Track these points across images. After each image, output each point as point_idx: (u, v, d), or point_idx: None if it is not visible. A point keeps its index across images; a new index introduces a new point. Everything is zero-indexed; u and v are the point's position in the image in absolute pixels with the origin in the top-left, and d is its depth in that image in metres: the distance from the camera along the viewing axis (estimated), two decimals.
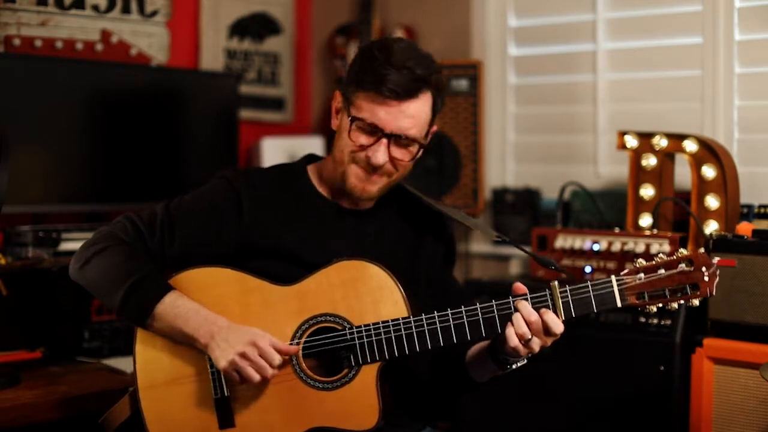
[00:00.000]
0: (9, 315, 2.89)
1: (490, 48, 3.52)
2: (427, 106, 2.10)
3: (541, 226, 3.10)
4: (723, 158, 2.74)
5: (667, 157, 2.88)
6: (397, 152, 2.09)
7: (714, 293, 1.94)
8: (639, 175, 2.89)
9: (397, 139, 2.07)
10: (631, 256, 2.78)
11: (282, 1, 3.91)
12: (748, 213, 2.78)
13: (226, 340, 1.97)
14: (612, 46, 3.30)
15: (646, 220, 2.88)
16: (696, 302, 1.95)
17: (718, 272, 1.96)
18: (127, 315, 2.06)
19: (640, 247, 2.77)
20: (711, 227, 2.73)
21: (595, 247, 2.86)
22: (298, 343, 2.03)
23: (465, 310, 2.00)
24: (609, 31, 3.30)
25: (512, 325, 1.95)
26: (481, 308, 1.99)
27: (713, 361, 2.53)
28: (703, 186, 2.76)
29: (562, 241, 2.92)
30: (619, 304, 1.95)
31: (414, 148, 2.11)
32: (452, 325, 2.00)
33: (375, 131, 2.06)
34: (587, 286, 1.97)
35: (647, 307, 1.95)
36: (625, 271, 1.97)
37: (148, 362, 2.06)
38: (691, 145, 2.78)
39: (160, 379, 2.05)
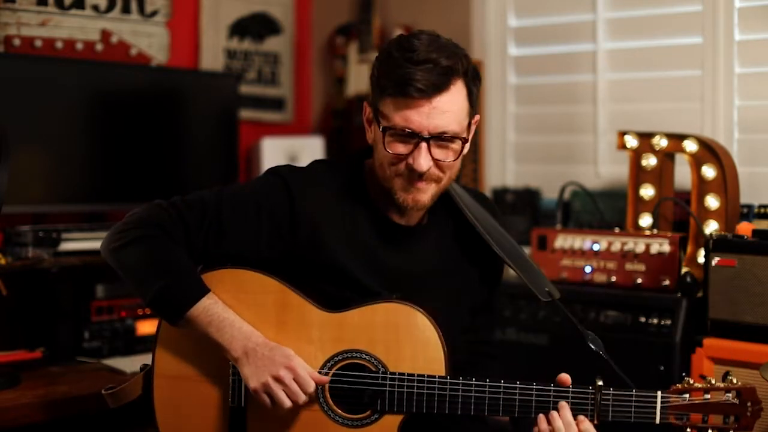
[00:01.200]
0: (9, 315, 2.89)
1: (490, 48, 3.52)
2: (461, 96, 1.94)
3: (541, 226, 3.10)
4: (723, 158, 2.74)
5: (667, 157, 2.88)
6: (440, 153, 1.95)
7: (753, 430, 1.93)
8: (639, 175, 2.89)
9: (437, 140, 1.93)
10: (631, 256, 2.78)
11: (282, 1, 3.91)
12: (748, 213, 2.78)
13: (260, 359, 1.91)
14: (612, 46, 3.29)
15: (646, 220, 2.88)
16: None
17: (762, 411, 1.93)
18: (157, 312, 1.99)
19: (640, 247, 2.77)
20: (711, 227, 2.73)
21: (595, 247, 2.86)
22: (327, 374, 1.98)
23: (503, 387, 1.95)
24: (609, 31, 3.29)
25: (548, 424, 1.93)
26: (520, 389, 1.95)
27: (713, 361, 2.53)
28: (703, 186, 2.76)
29: (562, 241, 2.92)
30: (657, 421, 1.94)
31: (457, 146, 1.95)
32: (486, 398, 1.95)
33: (411, 137, 1.92)
34: (631, 396, 1.95)
35: (684, 429, 1.94)
36: (672, 387, 1.95)
37: (170, 351, 2.02)
38: (691, 145, 2.78)
39: (178, 371, 2.01)
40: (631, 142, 2.89)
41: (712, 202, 2.73)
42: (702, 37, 3.05)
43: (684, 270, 2.72)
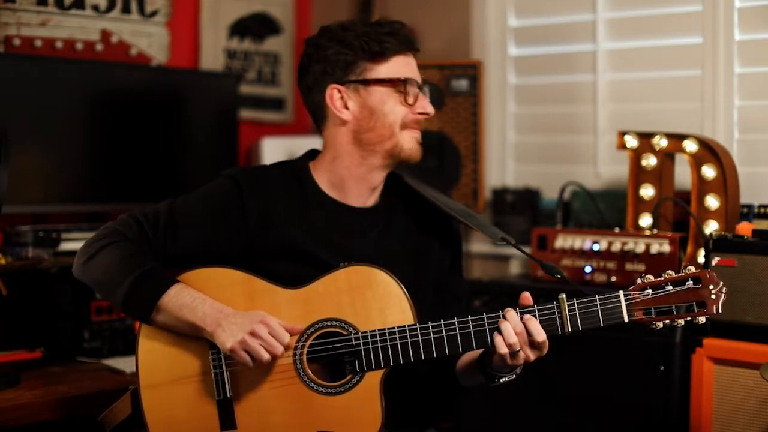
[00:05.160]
0: (9, 315, 2.89)
1: (490, 48, 3.53)
2: None
3: (541, 226, 3.10)
4: (723, 158, 2.74)
5: (667, 157, 2.88)
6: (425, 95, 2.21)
7: (720, 311, 1.97)
8: (639, 175, 2.89)
9: (424, 86, 2.19)
10: (631, 256, 2.78)
11: (282, 1, 3.91)
12: (748, 213, 2.78)
13: (234, 324, 1.96)
14: (612, 46, 3.30)
15: (646, 220, 2.88)
16: (702, 320, 1.97)
17: (724, 290, 1.98)
18: (131, 309, 2.04)
19: (640, 247, 2.77)
20: (711, 227, 2.73)
21: (595, 247, 2.86)
22: (303, 346, 2.02)
23: (471, 320, 1.99)
24: (609, 31, 3.30)
25: (500, 334, 1.96)
26: (488, 317, 1.99)
27: (713, 361, 2.53)
28: (703, 186, 2.76)
29: (562, 241, 2.92)
30: (626, 319, 1.97)
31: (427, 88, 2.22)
32: (458, 335, 1.99)
33: (413, 86, 2.14)
34: (595, 300, 1.98)
35: (653, 323, 1.97)
36: (633, 286, 1.98)
37: (151, 361, 2.05)
38: (691, 145, 2.78)
39: (162, 378, 2.04)
40: (631, 142, 2.89)
41: (712, 202, 2.73)
42: (702, 37, 3.05)
43: None
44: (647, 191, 2.88)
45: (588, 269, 2.87)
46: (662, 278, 1.98)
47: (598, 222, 3.07)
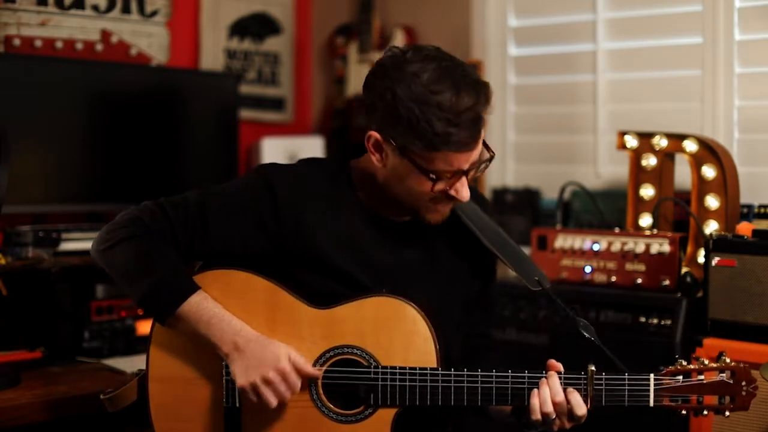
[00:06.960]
0: (9, 315, 2.89)
1: (490, 48, 3.52)
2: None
3: (541, 226, 3.10)
4: (723, 158, 2.74)
5: (667, 157, 2.88)
6: (471, 175, 2.02)
7: (749, 408, 1.92)
8: (639, 175, 2.89)
9: (472, 169, 2.00)
10: (631, 256, 2.78)
11: (282, 1, 3.91)
12: (748, 213, 2.78)
13: (249, 358, 1.92)
14: (612, 46, 3.30)
15: (646, 220, 2.88)
16: (728, 413, 1.91)
17: (757, 389, 1.92)
18: (147, 310, 1.99)
19: (640, 247, 2.77)
20: (711, 227, 2.73)
21: (595, 247, 2.86)
22: (319, 370, 1.98)
23: (495, 375, 1.95)
24: (609, 31, 3.30)
25: (538, 398, 1.92)
26: (512, 377, 1.94)
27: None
28: (703, 186, 2.76)
29: (562, 241, 2.92)
30: (651, 404, 1.92)
31: (485, 165, 2.04)
32: (480, 387, 1.95)
33: (445, 179, 1.95)
34: (624, 379, 1.93)
35: (679, 410, 1.91)
36: (664, 370, 1.92)
37: (163, 354, 2.01)
38: (691, 145, 2.78)
39: (172, 373, 2.01)
40: (631, 142, 2.89)
41: (712, 202, 2.73)
42: (702, 37, 3.05)
43: (684, 270, 2.72)
44: (647, 191, 2.88)
45: (588, 269, 2.87)
46: (695, 366, 1.91)
47: (598, 222, 3.07)
